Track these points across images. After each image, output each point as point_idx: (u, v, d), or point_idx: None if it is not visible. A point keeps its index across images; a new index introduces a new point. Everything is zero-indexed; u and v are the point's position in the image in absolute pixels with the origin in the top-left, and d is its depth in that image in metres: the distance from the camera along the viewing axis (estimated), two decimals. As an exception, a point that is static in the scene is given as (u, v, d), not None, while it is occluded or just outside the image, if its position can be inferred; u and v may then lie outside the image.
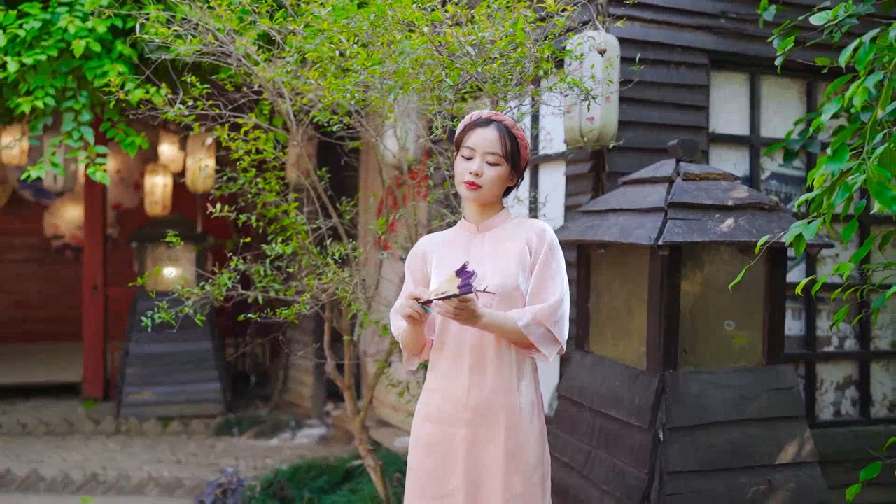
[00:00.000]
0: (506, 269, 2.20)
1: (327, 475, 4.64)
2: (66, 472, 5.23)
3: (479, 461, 2.19)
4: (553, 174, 4.12)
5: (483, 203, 2.27)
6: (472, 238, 2.29)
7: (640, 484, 2.78)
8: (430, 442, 2.25)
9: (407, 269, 2.37)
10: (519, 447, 2.18)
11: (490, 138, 2.20)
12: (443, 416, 2.23)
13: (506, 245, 2.25)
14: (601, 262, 3.30)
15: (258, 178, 3.59)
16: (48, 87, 4.56)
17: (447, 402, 2.23)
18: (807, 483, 2.89)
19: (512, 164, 2.23)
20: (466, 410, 2.19)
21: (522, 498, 2.18)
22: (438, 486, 2.22)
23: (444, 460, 2.22)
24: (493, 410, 2.18)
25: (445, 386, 2.24)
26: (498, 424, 2.18)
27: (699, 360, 2.97)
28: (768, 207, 3.04)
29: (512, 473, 2.17)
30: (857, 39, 2.29)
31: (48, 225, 9.36)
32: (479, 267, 2.17)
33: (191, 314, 3.34)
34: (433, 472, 2.23)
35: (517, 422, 2.19)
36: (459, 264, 2.11)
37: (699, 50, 3.91)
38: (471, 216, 2.32)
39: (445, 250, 2.30)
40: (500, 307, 2.17)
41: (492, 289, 2.14)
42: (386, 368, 3.79)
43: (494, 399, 2.18)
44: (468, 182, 2.20)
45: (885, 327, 4.36)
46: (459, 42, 2.51)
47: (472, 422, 2.19)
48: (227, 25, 3.29)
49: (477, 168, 2.19)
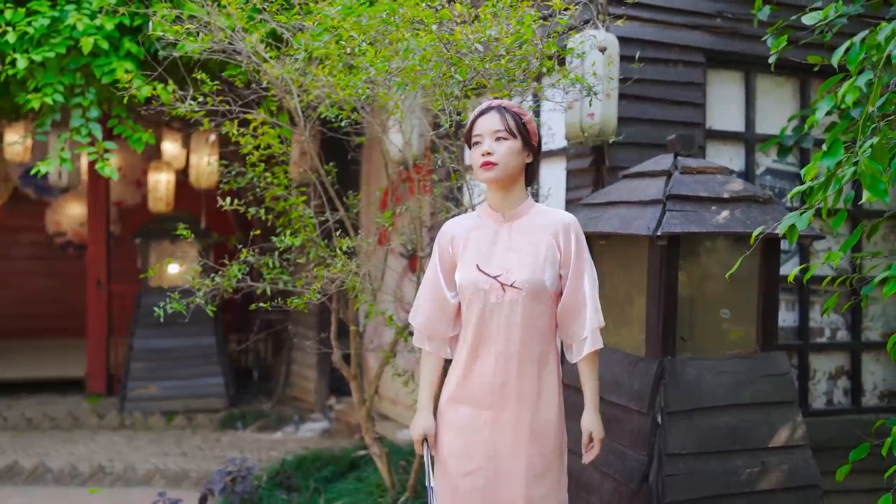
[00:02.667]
0: (533, 264, 2.28)
1: (333, 465, 4.72)
2: (73, 464, 5.31)
3: (502, 442, 2.30)
4: (554, 169, 4.22)
5: (504, 185, 2.31)
6: (499, 227, 2.35)
7: (640, 466, 2.89)
8: (456, 421, 2.35)
9: (436, 247, 2.44)
10: (542, 430, 2.31)
11: (492, 119, 2.30)
12: (472, 398, 2.33)
13: (533, 237, 2.31)
14: (602, 253, 3.40)
15: (266, 172, 3.69)
16: (56, 84, 4.64)
17: (475, 386, 2.32)
18: (799, 465, 3.00)
19: (522, 140, 2.30)
20: (492, 394, 2.30)
21: (544, 477, 2.31)
22: (464, 464, 2.32)
23: (469, 440, 2.32)
24: (518, 395, 2.29)
25: (473, 369, 2.33)
26: (522, 408, 2.29)
27: (696, 347, 3.07)
28: (763, 200, 3.15)
29: (535, 455, 2.30)
30: (847, 39, 2.39)
31: (50, 222, 9.44)
32: (506, 258, 2.28)
33: (202, 304, 3.43)
34: (460, 451, 2.33)
35: (540, 406, 2.31)
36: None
37: (696, 48, 4.02)
38: (495, 203, 2.36)
39: (473, 236, 2.36)
40: (526, 302, 2.26)
41: (518, 284, 2.24)
42: (391, 358, 3.88)
43: (519, 384, 2.29)
44: (483, 163, 2.27)
45: (876, 318, 4.48)
46: (468, 39, 2.61)
47: (496, 405, 2.30)
48: (238, 23, 3.38)
49: (487, 148, 2.27)
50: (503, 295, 2.26)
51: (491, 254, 2.31)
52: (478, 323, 2.31)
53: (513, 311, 2.27)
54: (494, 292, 2.27)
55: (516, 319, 2.27)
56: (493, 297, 2.28)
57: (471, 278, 2.31)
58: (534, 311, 2.29)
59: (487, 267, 2.29)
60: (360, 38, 2.98)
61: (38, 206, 9.33)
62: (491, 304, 2.29)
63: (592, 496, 3.07)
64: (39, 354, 8.43)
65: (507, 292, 2.24)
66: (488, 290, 2.28)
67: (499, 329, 2.28)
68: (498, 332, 2.29)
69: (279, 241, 3.46)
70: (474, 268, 2.30)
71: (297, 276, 3.59)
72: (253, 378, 7.86)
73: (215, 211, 3.67)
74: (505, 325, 2.27)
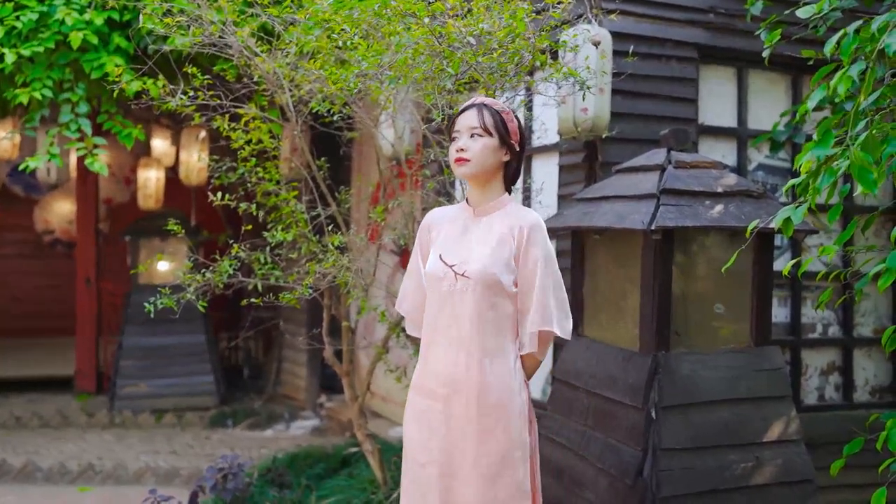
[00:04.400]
0: (487, 258, 2.27)
1: (324, 462, 4.70)
2: (62, 462, 5.27)
3: (453, 436, 2.27)
4: (547, 164, 4.21)
5: (478, 181, 2.33)
6: (469, 221, 2.37)
7: (634, 461, 2.88)
8: (416, 410, 2.37)
9: (417, 236, 2.49)
10: (491, 428, 2.24)
11: (470, 116, 2.31)
12: (425, 388, 2.35)
13: (494, 233, 2.31)
14: (596, 248, 3.39)
15: (258, 167, 3.66)
16: (45, 79, 4.59)
17: (429, 375, 2.34)
18: (793, 459, 3.00)
19: (500, 138, 2.29)
20: (444, 385, 2.29)
21: (497, 480, 2.23)
22: (421, 454, 2.33)
23: (426, 430, 2.32)
24: (468, 389, 2.25)
25: (428, 359, 2.35)
26: (471, 404, 2.25)
27: (690, 341, 3.07)
28: (756, 195, 3.14)
29: (483, 455, 2.23)
30: (841, 31, 2.39)
31: (38, 220, 9.36)
32: (467, 251, 2.29)
33: (193, 300, 3.40)
34: (418, 441, 2.34)
35: (491, 401, 2.24)
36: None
37: (689, 44, 4.02)
38: (472, 198, 2.39)
39: (446, 228, 2.40)
40: (476, 293, 2.24)
41: (469, 273, 2.25)
42: (384, 354, 3.86)
43: (468, 377, 2.25)
44: (456, 158, 2.30)
45: (868, 314, 4.49)
46: (460, 32, 2.59)
47: (448, 397, 2.28)
48: (228, 17, 3.35)
49: (462, 144, 2.29)
50: (455, 284, 2.27)
51: (456, 246, 2.34)
52: (432, 311, 2.35)
53: (462, 300, 2.26)
54: (448, 281, 2.29)
55: (466, 310, 2.26)
56: (447, 285, 2.29)
57: (431, 267, 2.36)
58: (484, 302, 2.26)
59: (449, 258, 2.32)
60: (353, 31, 2.96)
61: (26, 204, 9.25)
62: (443, 293, 2.30)
63: (587, 491, 3.06)
64: (29, 353, 8.36)
65: (459, 281, 2.25)
66: (443, 279, 2.31)
67: (450, 319, 2.29)
68: (449, 322, 2.29)
69: (270, 236, 3.43)
70: (438, 257, 2.34)
71: (289, 272, 3.56)
72: (243, 376, 7.82)
73: (205, 208, 3.64)
74: (456, 315, 2.28)
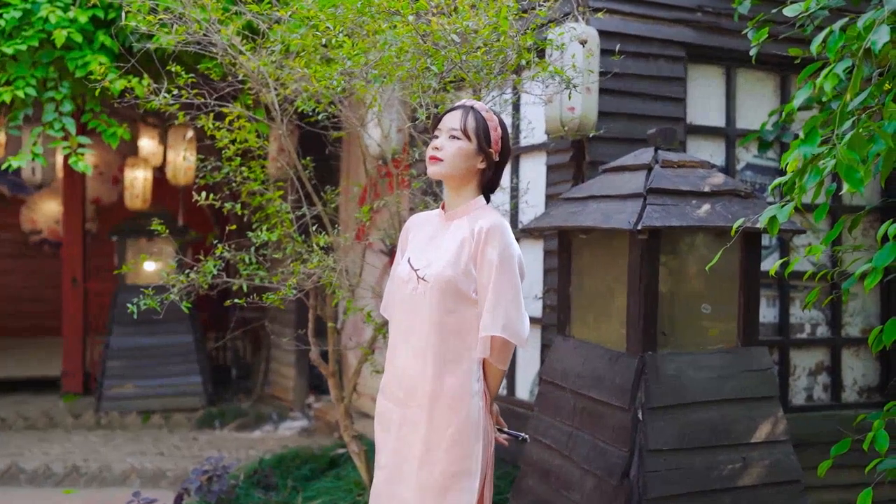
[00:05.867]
0: (447, 262, 2.22)
1: (311, 463, 4.67)
2: (47, 464, 5.22)
3: (404, 443, 2.25)
4: (535, 164, 4.19)
5: (451, 184, 2.29)
6: (440, 225, 2.34)
7: (621, 462, 2.86)
8: (379, 412, 2.36)
9: (399, 240, 2.47)
10: (436, 445, 2.18)
11: (453, 117, 2.27)
12: (388, 391, 2.34)
13: (457, 238, 2.26)
14: (582, 248, 3.37)
15: (243, 167, 3.62)
16: (29, 78, 4.55)
17: (392, 379, 2.32)
18: (780, 460, 2.99)
19: (479, 145, 2.24)
20: (402, 390, 2.27)
21: (434, 491, 2.17)
22: (381, 457, 2.33)
23: (384, 433, 2.32)
24: (421, 394, 2.22)
25: (393, 362, 2.33)
26: (423, 409, 2.21)
27: (678, 342, 3.05)
28: (744, 194, 3.13)
29: (425, 464, 2.18)
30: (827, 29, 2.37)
31: (25, 220, 9.29)
32: (432, 255, 2.26)
33: (176, 301, 3.37)
34: (379, 444, 2.35)
35: (440, 412, 2.19)
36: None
37: (676, 43, 4.00)
38: (446, 202, 2.36)
39: (420, 232, 2.38)
40: (434, 297, 2.20)
41: (428, 277, 2.22)
42: (370, 355, 3.83)
43: (424, 383, 2.21)
44: (430, 156, 2.26)
45: (856, 314, 4.48)
46: (444, 30, 2.56)
47: (405, 402, 2.26)
48: (213, 15, 3.32)
49: (438, 143, 2.25)
50: (417, 286, 2.25)
51: (424, 249, 2.32)
52: (397, 315, 2.34)
53: (421, 303, 2.24)
54: (410, 283, 2.28)
55: (424, 315, 2.22)
56: (409, 287, 2.28)
57: (399, 270, 2.35)
58: (443, 307, 2.21)
59: (416, 261, 2.30)
60: (337, 29, 2.93)
61: (13, 204, 9.17)
62: (406, 296, 2.29)
63: (573, 493, 3.03)
64: (15, 353, 8.28)
65: (420, 285, 2.24)
66: (406, 281, 2.29)
67: (411, 322, 2.27)
68: (410, 326, 2.27)
69: (255, 236, 3.40)
70: (406, 261, 2.33)
71: (274, 272, 3.53)
72: (232, 376, 7.78)
73: (193, 208, 3.61)
74: (416, 320, 2.25)
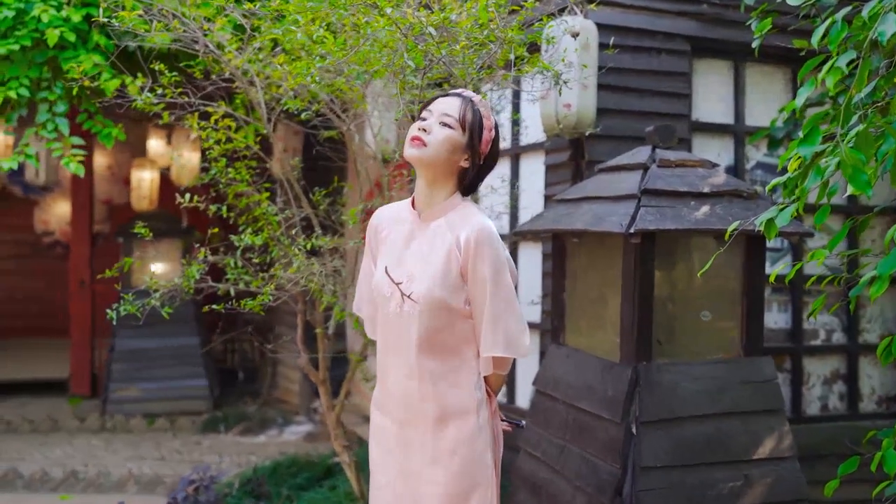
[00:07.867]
0: (433, 277, 2.01)
1: (308, 472, 4.56)
2: (45, 469, 5.17)
3: (408, 462, 2.09)
4: (533, 164, 4.04)
5: (427, 175, 2.05)
6: (414, 226, 2.10)
7: (613, 479, 2.71)
8: (375, 428, 2.19)
9: (366, 239, 2.24)
10: (444, 462, 2.03)
11: (449, 103, 2.04)
12: (384, 406, 2.16)
13: (439, 244, 2.04)
14: (576, 252, 3.22)
15: (229, 167, 3.52)
16: (22, 78, 4.49)
17: (387, 395, 2.14)
18: (784, 478, 2.81)
19: (469, 141, 2.02)
20: (398, 408, 2.10)
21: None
22: (380, 475, 2.16)
23: (384, 450, 2.15)
24: (422, 414, 2.05)
25: (385, 380, 2.15)
26: (425, 432, 2.05)
27: (674, 351, 2.89)
28: (747, 195, 2.96)
29: (429, 482, 2.03)
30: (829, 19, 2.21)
31: (38, 221, 9.31)
32: (413, 265, 2.06)
33: (157, 307, 3.27)
34: (378, 461, 2.17)
35: (443, 434, 2.04)
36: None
37: (680, 36, 3.83)
38: (418, 197, 2.11)
39: (392, 231, 2.15)
40: (423, 317, 2.01)
41: (415, 297, 2.01)
42: (362, 363, 3.72)
43: (420, 405, 2.05)
44: (413, 137, 2.00)
45: (874, 320, 4.27)
46: (421, 23, 2.42)
47: (404, 422, 2.09)
48: (203, 14, 3.22)
49: (427, 124, 2.00)
50: (402, 305, 2.04)
51: (401, 256, 2.10)
52: (384, 333, 2.13)
53: (410, 324, 2.03)
54: (395, 301, 2.06)
55: (412, 335, 2.03)
56: (393, 305, 2.06)
57: (378, 281, 2.13)
58: (433, 326, 2.03)
59: (395, 271, 2.08)
60: (317, 23, 2.81)
61: (25, 205, 9.20)
62: (391, 314, 2.08)
63: (564, 510, 2.89)
64: (23, 355, 8.29)
65: (406, 303, 2.02)
66: (389, 298, 2.08)
67: (398, 341, 2.07)
68: (398, 345, 2.07)
69: (238, 239, 3.29)
70: (384, 270, 2.11)
71: (258, 277, 3.42)
72: (238, 378, 7.71)
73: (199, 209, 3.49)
74: (404, 339, 2.05)
